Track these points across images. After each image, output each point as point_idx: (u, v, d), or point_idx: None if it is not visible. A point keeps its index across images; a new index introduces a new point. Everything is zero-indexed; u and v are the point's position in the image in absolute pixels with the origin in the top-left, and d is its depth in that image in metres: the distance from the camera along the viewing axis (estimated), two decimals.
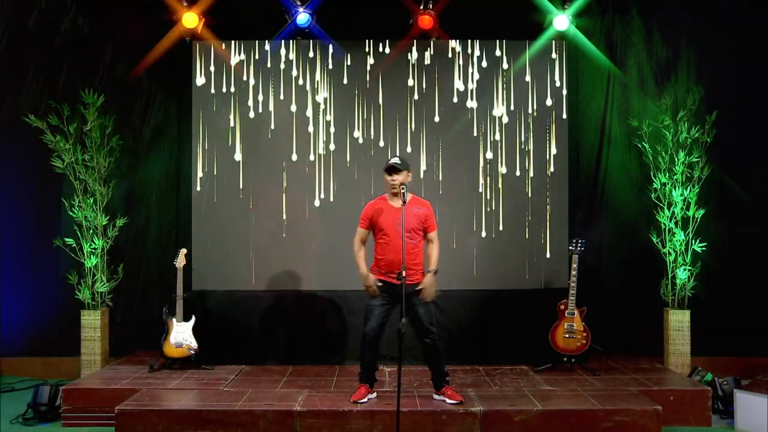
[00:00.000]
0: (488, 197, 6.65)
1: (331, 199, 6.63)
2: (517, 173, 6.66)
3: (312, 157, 6.65)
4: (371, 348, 5.00)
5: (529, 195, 6.65)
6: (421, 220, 4.99)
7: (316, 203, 6.63)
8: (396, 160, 5.00)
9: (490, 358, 6.24)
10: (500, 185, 6.66)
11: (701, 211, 6.32)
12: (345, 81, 6.68)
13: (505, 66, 6.69)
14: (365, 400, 4.99)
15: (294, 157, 6.65)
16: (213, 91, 6.67)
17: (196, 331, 5.97)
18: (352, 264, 6.45)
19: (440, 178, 6.65)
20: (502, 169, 6.66)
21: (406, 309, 4.83)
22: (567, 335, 5.84)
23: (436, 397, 5.08)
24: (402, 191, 4.79)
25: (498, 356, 6.24)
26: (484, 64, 6.69)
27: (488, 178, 6.65)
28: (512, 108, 6.68)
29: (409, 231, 4.90)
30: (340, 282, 6.50)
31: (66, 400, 5.28)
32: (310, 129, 6.67)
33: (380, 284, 4.99)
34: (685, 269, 6.26)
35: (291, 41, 6.64)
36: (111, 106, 6.60)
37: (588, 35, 6.67)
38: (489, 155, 6.66)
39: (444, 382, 5.05)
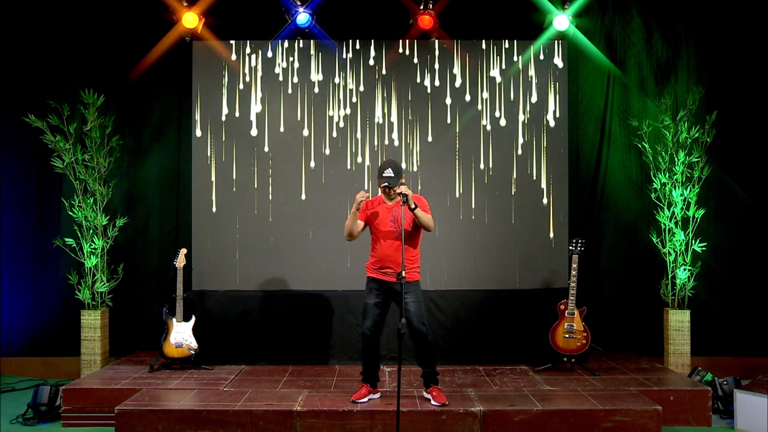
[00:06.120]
0: (488, 197, 6.64)
1: (331, 200, 6.62)
2: (517, 173, 6.66)
3: (312, 157, 6.65)
4: (370, 346, 5.00)
5: (529, 195, 6.65)
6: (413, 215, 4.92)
7: (316, 204, 6.62)
8: (389, 172, 4.84)
9: (490, 358, 6.24)
10: (500, 185, 6.65)
11: (701, 211, 6.32)
12: (344, 81, 6.68)
13: (505, 66, 6.69)
14: (365, 400, 4.99)
15: (294, 157, 6.65)
16: (213, 91, 6.67)
17: (196, 331, 5.97)
18: (351, 264, 6.54)
19: (439, 178, 6.65)
20: (502, 169, 6.66)
21: (398, 307, 4.86)
22: (567, 335, 5.84)
23: (425, 394, 5.08)
24: (401, 201, 4.76)
25: (498, 356, 6.23)
26: (484, 63, 6.69)
27: (488, 178, 6.65)
28: (512, 108, 6.68)
29: (404, 227, 4.85)
30: (340, 282, 6.51)
31: (66, 400, 5.28)
32: (309, 129, 6.67)
33: (374, 282, 4.98)
34: (685, 269, 6.26)
35: (291, 41, 6.64)
36: (111, 106, 6.61)
37: (588, 35, 6.69)
38: (489, 155, 6.66)
39: (432, 382, 5.04)
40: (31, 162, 6.76)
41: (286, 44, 6.66)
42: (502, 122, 6.67)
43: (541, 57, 6.68)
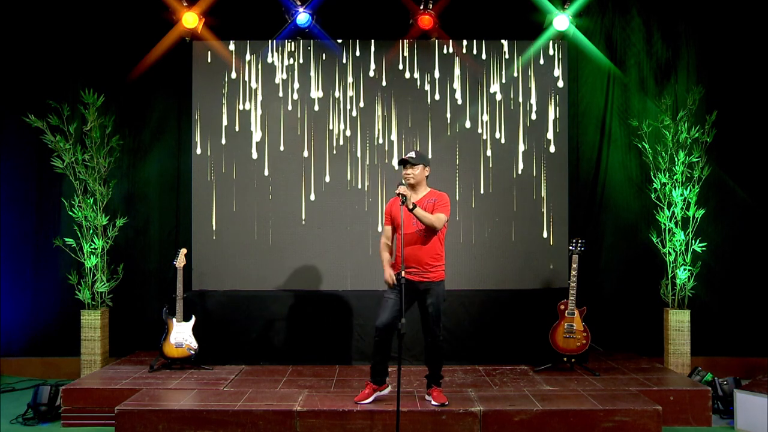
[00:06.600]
0: (488, 197, 6.65)
1: (330, 200, 6.62)
2: (517, 173, 6.66)
3: (310, 158, 6.65)
4: (382, 342, 4.89)
5: (530, 195, 6.65)
6: (429, 210, 4.87)
7: (315, 204, 6.63)
8: (411, 153, 4.93)
9: (490, 358, 6.24)
10: (500, 185, 6.65)
11: (701, 211, 6.32)
12: (343, 81, 6.68)
13: (505, 66, 6.69)
14: (368, 401, 4.95)
15: (293, 158, 6.65)
16: (212, 91, 6.67)
17: (196, 331, 5.97)
18: (352, 264, 6.54)
19: (439, 179, 6.64)
20: (502, 170, 6.66)
21: (418, 306, 4.85)
22: (567, 335, 5.84)
23: (425, 395, 5.08)
24: (402, 198, 4.70)
25: (498, 356, 6.23)
26: (484, 64, 6.69)
27: (488, 179, 6.65)
28: (512, 108, 6.68)
29: (417, 226, 4.84)
30: (340, 282, 6.52)
31: (66, 400, 5.28)
32: (309, 129, 6.67)
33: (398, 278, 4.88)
34: (685, 269, 6.26)
35: (291, 41, 6.64)
36: (111, 106, 6.61)
37: (588, 35, 6.69)
38: (489, 155, 6.66)
39: (434, 383, 5.03)
40: (31, 162, 6.76)
41: (286, 59, 6.64)
42: (501, 122, 6.67)
43: (541, 62, 6.67)
